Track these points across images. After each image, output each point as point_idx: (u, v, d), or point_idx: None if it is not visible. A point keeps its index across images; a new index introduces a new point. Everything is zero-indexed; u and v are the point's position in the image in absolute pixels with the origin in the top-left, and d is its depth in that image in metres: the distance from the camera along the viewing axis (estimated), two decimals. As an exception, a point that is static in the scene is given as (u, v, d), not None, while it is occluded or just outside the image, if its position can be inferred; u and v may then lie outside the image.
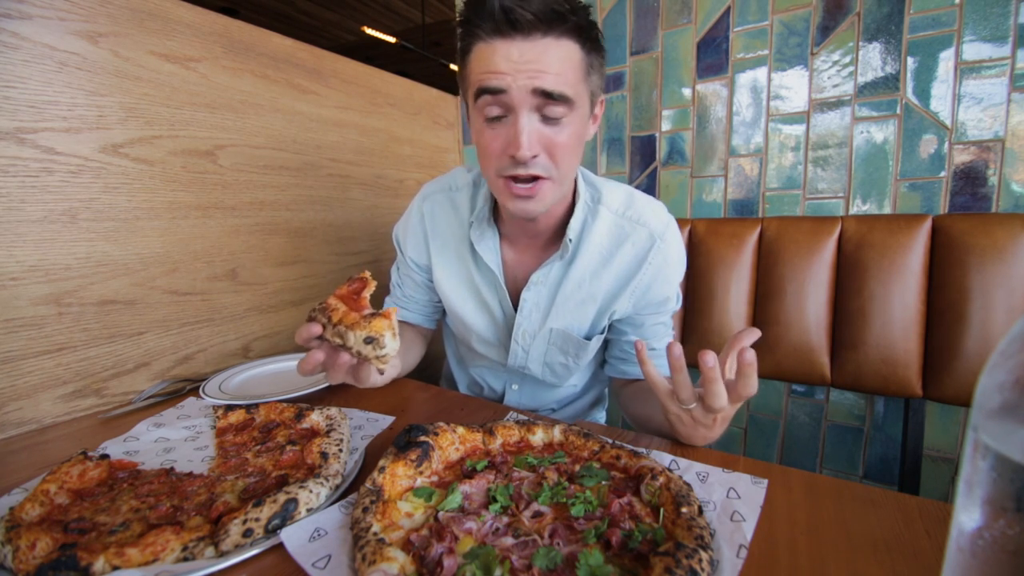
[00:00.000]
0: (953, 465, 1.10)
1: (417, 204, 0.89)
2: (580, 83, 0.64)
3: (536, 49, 0.60)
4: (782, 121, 1.17)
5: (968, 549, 0.23)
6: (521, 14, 0.58)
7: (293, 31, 2.54)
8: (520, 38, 0.60)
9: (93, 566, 0.37)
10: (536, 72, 0.60)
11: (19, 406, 0.69)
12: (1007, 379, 0.21)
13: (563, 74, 0.61)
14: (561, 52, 0.61)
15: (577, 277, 0.79)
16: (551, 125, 0.64)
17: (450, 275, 0.86)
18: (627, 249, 0.78)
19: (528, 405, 0.96)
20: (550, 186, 0.68)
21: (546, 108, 0.62)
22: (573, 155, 0.68)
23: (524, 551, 0.39)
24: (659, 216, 0.79)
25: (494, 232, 0.81)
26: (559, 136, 0.64)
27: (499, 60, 0.61)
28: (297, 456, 0.55)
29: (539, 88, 0.61)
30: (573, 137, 0.66)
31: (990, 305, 0.86)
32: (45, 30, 0.69)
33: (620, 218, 0.79)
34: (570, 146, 0.66)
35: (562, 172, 0.67)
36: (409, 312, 0.94)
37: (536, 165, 0.65)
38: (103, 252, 0.77)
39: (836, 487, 0.50)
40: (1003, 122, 0.98)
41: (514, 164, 0.65)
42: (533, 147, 0.63)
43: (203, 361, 0.92)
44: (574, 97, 0.63)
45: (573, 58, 0.63)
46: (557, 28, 0.60)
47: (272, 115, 1.01)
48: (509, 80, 0.61)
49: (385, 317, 0.53)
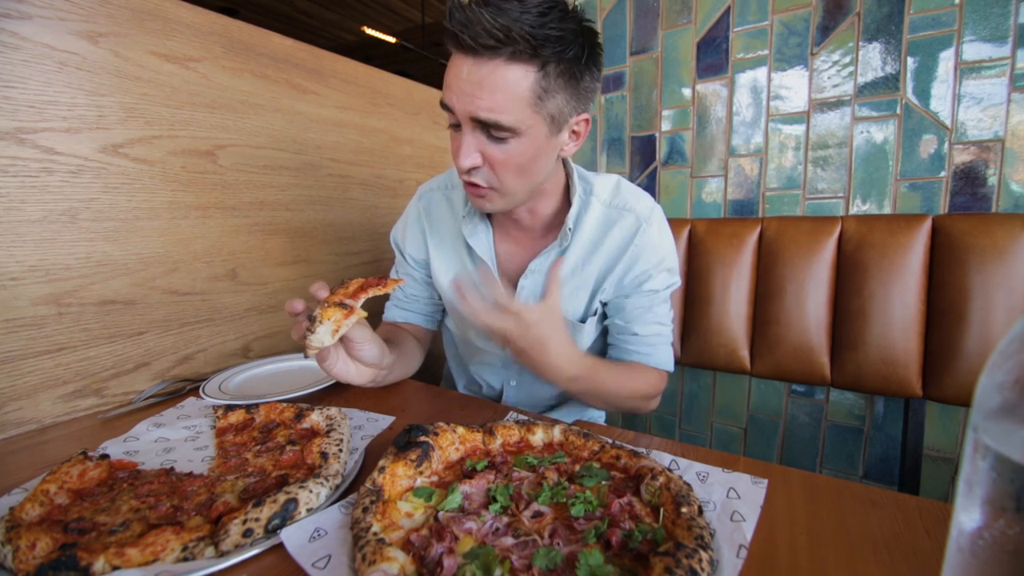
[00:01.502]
0: (953, 465, 1.10)
1: (414, 203, 0.93)
2: (525, 109, 0.63)
3: (480, 72, 0.60)
4: (782, 121, 1.17)
5: (968, 549, 0.23)
6: (463, 38, 0.59)
7: (293, 31, 2.54)
8: (471, 58, 0.61)
9: (93, 566, 0.37)
10: (472, 98, 0.61)
11: (19, 406, 0.69)
12: (1007, 379, 0.21)
13: (500, 102, 0.61)
14: (507, 77, 0.60)
15: (571, 264, 0.82)
16: (495, 143, 0.65)
17: (447, 270, 0.89)
18: (615, 234, 0.81)
19: (526, 402, 0.96)
20: (496, 195, 0.70)
21: (488, 129, 0.64)
22: (520, 174, 0.69)
23: (524, 551, 0.39)
24: (645, 202, 0.82)
25: (487, 226, 0.84)
26: (500, 154, 0.66)
27: (451, 77, 0.63)
28: (297, 456, 0.55)
29: (473, 115, 0.63)
30: (519, 157, 0.66)
31: (990, 305, 0.86)
32: (45, 30, 0.69)
33: (608, 207, 0.82)
34: (515, 165, 0.67)
35: (506, 186, 0.69)
36: (411, 313, 0.95)
37: (477, 175, 0.68)
38: (103, 252, 0.77)
39: (836, 487, 0.50)
40: (1003, 122, 0.98)
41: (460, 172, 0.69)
42: (472, 160, 0.66)
43: (203, 361, 0.92)
44: (513, 124, 0.63)
45: (520, 84, 0.61)
46: (503, 52, 0.59)
47: (272, 115, 1.01)
48: (454, 100, 0.63)
49: (342, 313, 0.58)
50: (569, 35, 0.61)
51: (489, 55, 0.59)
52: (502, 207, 0.73)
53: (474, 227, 0.83)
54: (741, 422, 1.34)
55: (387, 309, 0.96)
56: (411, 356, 0.89)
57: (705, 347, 1.10)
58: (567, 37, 0.61)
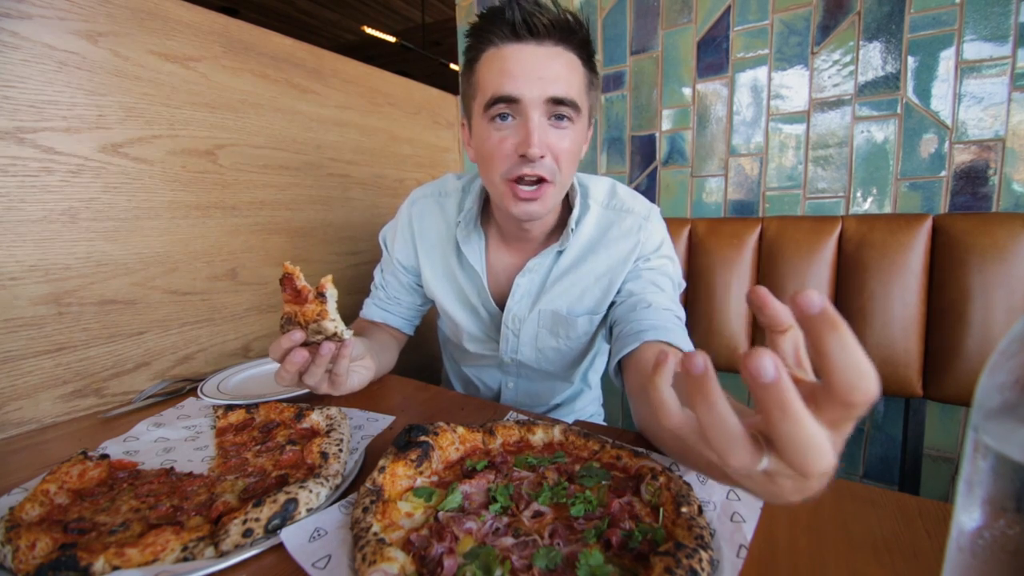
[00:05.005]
0: (953, 465, 1.10)
1: (405, 209, 0.92)
2: (583, 94, 0.69)
3: (549, 55, 0.65)
4: (782, 121, 1.17)
5: (968, 549, 0.23)
6: (539, 19, 0.64)
7: (293, 31, 2.54)
8: (534, 43, 0.65)
9: (93, 566, 0.37)
10: (546, 80, 0.65)
11: (19, 406, 0.69)
12: (1007, 379, 0.21)
13: (572, 82, 0.67)
14: (572, 60, 0.67)
15: (565, 264, 0.83)
16: (557, 130, 0.68)
17: (437, 276, 0.89)
18: (613, 234, 0.82)
19: (524, 403, 0.96)
20: (552, 190, 0.71)
21: (555, 113, 0.67)
22: (574, 162, 0.72)
23: (524, 551, 0.39)
24: (642, 203, 0.85)
25: (480, 235, 0.85)
26: (563, 142, 0.68)
27: (512, 64, 0.65)
28: (297, 456, 0.55)
29: (552, 95, 0.65)
30: (575, 144, 0.70)
31: (990, 305, 0.86)
32: (45, 30, 0.69)
33: (605, 208, 0.84)
34: (573, 152, 0.70)
35: (563, 177, 0.71)
36: (390, 315, 0.95)
37: (542, 166, 0.68)
38: (103, 252, 0.77)
39: (836, 487, 0.50)
40: (1004, 121, 0.98)
41: (521, 164, 0.67)
42: (543, 147, 0.66)
43: (203, 361, 0.92)
44: (580, 103, 0.68)
45: (578, 70, 0.68)
46: (567, 39, 0.66)
47: (272, 115, 1.01)
48: (522, 84, 0.64)
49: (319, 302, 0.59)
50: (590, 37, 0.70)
51: (555, 40, 0.65)
52: (552, 204, 0.73)
53: (468, 234, 0.84)
54: (741, 422, 1.33)
55: (366, 306, 0.96)
56: (386, 354, 0.87)
57: (705, 347, 1.10)
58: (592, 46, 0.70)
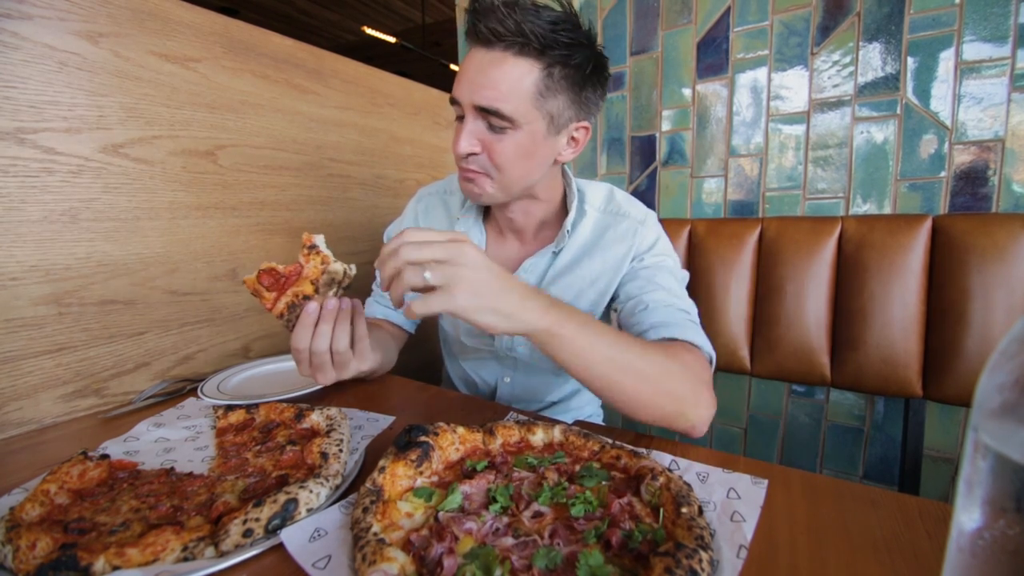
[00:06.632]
0: (953, 465, 1.10)
1: (412, 205, 0.96)
2: (526, 103, 0.66)
3: (491, 62, 0.65)
4: (782, 121, 1.17)
5: (968, 549, 0.23)
6: (480, 27, 0.64)
7: (293, 31, 2.54)
8: (484, 48, 0.65)
9: (93, 566, 0.37)
10: (477, 86, 0.65)
11: (19, 406, 0.69)
12: (1007, 379, 0.21)
13: (503, 92, 0.65)
14: (514, 68, 0.64)
15: (561, 266, 0.84)
16: (494, 132, 0.68)
17: None
18: (610, 237, 0.83)
19: (521, 398, 0.96)
20: (488, 181, 0.72)
21: (488, 118, 0.67)
22: (516, 166, 0.71)
23: (524, 551, 0.39)
24: (639, 208, 0.85)
25: (480, 229, 0.87)
26: (498, 144, 0.69)
27: (462, 69, 0.67)
28: (297, 456, 0.55)
29: (476, 103, 0.66)
30: (516, 149, 0.69)
31: (990, 305, 0.86)
32: (45, 30, 0.69)
33: (602, 213, 0.85)
34: (510, 155, 0.70)
35: (503, 175, 0.72)
36: (392, 311, 0.95)
37: (472, 162, 0.71)
38: (103, 252, 0.77)
39: (836, 487, 0.50)
40: (1003, 122, 0.98)
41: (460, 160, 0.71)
42: (469, 146, 0.68)
43: (203, 361, 0.92)
44: (512, 115, 0.66)
45: (525, 78, 0.65)
46: (513, 45, 0.64)
47: (272, 115, 1.01)
48: (461, 88, 0.67)
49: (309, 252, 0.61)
50: (577, 45, 0.66)
51: (500, 46, 0.64)
52: (493, 196, 0.75)
53: (468, 227, 0.85)
54: (741, 422, 1.34)
55: (367, 304, 0.96)
56: (388, 351, 0.87)
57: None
58: (575, 45, 0.66)
